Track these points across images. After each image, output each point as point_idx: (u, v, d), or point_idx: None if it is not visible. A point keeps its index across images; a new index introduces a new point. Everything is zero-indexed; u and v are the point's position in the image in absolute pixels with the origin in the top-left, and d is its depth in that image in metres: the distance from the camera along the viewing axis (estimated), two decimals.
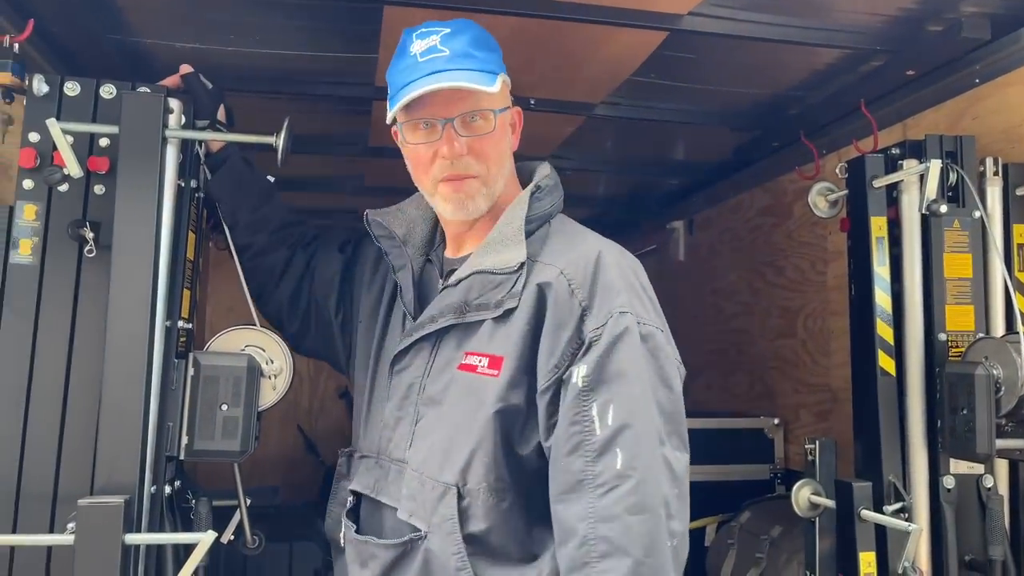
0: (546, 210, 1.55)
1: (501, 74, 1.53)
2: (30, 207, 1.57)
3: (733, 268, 3.66)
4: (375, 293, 1.72)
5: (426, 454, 1.48)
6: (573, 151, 3.33)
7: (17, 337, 1.54)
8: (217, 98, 1.74)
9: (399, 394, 1.56)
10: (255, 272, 1.81)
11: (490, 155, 1.51)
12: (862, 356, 1.98)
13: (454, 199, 1.52)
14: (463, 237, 1.62)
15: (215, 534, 1.48)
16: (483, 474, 1.42)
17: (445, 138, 1.48)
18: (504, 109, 1.55)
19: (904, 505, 1.86)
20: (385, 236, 1.67)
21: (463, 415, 1.45)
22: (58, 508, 1.50)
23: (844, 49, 2.27)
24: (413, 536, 1.45)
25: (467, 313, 1.48)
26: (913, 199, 1.93)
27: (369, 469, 1.59)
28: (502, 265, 1.46)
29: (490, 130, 1.50)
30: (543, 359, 1.41)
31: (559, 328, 1.40)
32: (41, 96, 1.59)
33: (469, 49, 1.49)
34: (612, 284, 1.42)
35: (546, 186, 1.57)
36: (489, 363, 1.44)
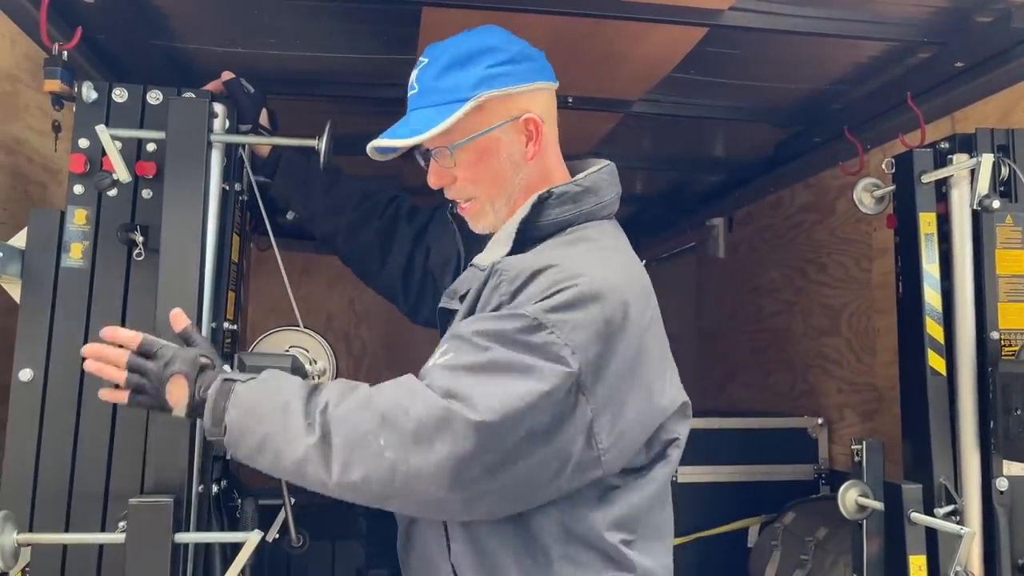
0: (557, 220, 1.48)
1: (480, 95, 1.45)
2: (80, 212, 1.60)
3: (774, 265, 3.61)
4: (449, 276, 1.76)
5: None
6: (611, 148, 3.30)
7: (69, 339, 1.57)
8: (259, 102, 1.76)
9: None
10: (353, 254, 1.84)
11: (477, 179, 1.50)
12: (911, 355, 1.94)
13: (468, 219, 1.57)
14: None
15: (262, 533, 1.49)
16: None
17: (429, 171, 1.55)
18: (481, 134, 1.47)
19: (955, 508, 1.81)
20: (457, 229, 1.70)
21: None
22: (109, 507, 1.53)
23: (890, 42, 2.23)
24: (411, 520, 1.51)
25: (452, 300, 1.51)
26: (963, 194, 1.88)
27: None
28: (481, 261, 1.47)
29: (451, 166, 1.50)
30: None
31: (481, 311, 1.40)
32: (90, 103, 1.62)
33: (435, 81, 1.47)
34: (534, 293, 1.33)
35: (564, 193, 1.48)
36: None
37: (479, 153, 1.49)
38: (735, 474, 2.98)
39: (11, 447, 1.54)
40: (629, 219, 4.78)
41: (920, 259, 1.88)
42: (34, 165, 1.93)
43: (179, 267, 1.54)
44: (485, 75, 1.47)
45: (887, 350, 2.72)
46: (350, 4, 2.02)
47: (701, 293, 4.49)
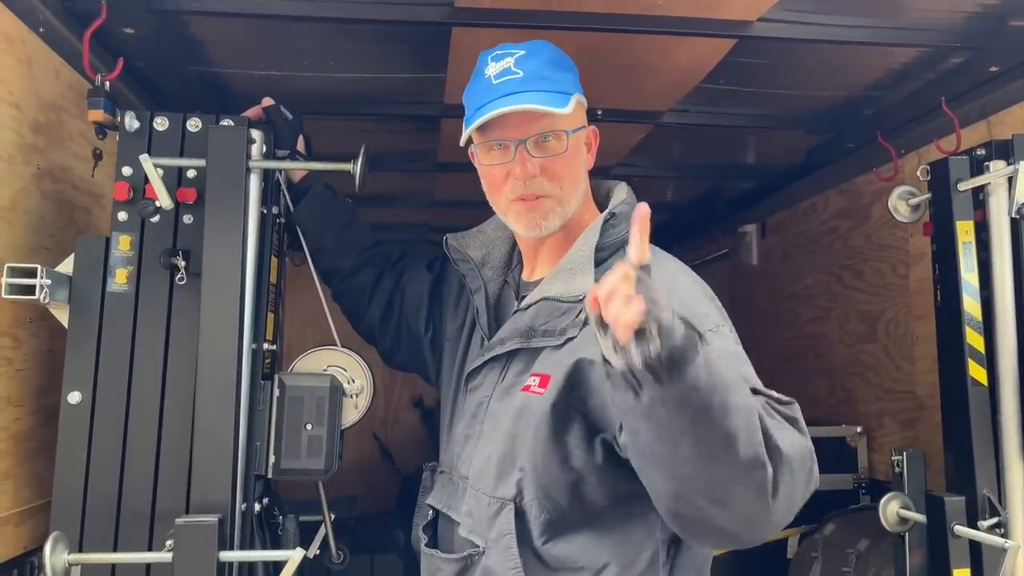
0: (621, 236, 1.53)
1: (576, 95, 1.53)
2: (125, 238, 1.64)
3: (809, 272, 3.58)
4: (461, 314, 1.75)
5: (481, 470, 1.51)
6: (641, 159, 3.31)
7: (115, 362, 1.61)
8: (296, 128, 1.80)
9: (470, 412, 1.59)
10: (345, 294, 1.87)
11: (563, 175, 1.51)
12: (951, 365, 1.91)
13: (526, 218, 1.53)
14: (537, 256, 1.64)
15: (303, 552, 1.52)
16: (535, 490, 1.43)
17: (518, 159, 1.49)
18: (578, 129, 1.54)
19: (999, 520, 1.79)
20: (462, 259, 1.70)
21: (515, 432, 1.47)
22: (156, 526, 1.57)
23: (922, 47, 2.21)
24: (472, 552, 1.47)
25: (532, 338, 1.49)
26: (1001, 202, 1.86)
27: (444, 485, 1.63)
28: (568, 293, 1.46)
29: (563, 150, 1.50)
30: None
31: None
32: (133, 131, 1.67)
33: (543, 70, 1.51)
34: (690, 297, 1.41)
35: (621, 212, 1.55)
36: (540, 382, 1.46)
37: (575, 148, 1.53)
38: None
39: (61, 468, 1.59)
40: (662, 227, 4.77)
41: (958, 268, 1.86)
42: (79, 191, 1.98)
43: (221, 290, 1.58)
44: (575, 80, 1.57)
45: (926, 357, 2.68)
46: (381, 26, 2.05)
47: (735, 300, 4.45)
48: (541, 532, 1.43)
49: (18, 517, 1.66)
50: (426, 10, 1.94)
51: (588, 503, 1.44)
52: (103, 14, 1.73)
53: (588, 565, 1.44)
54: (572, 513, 1.44)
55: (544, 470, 1.43)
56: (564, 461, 1.43)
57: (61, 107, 1.89)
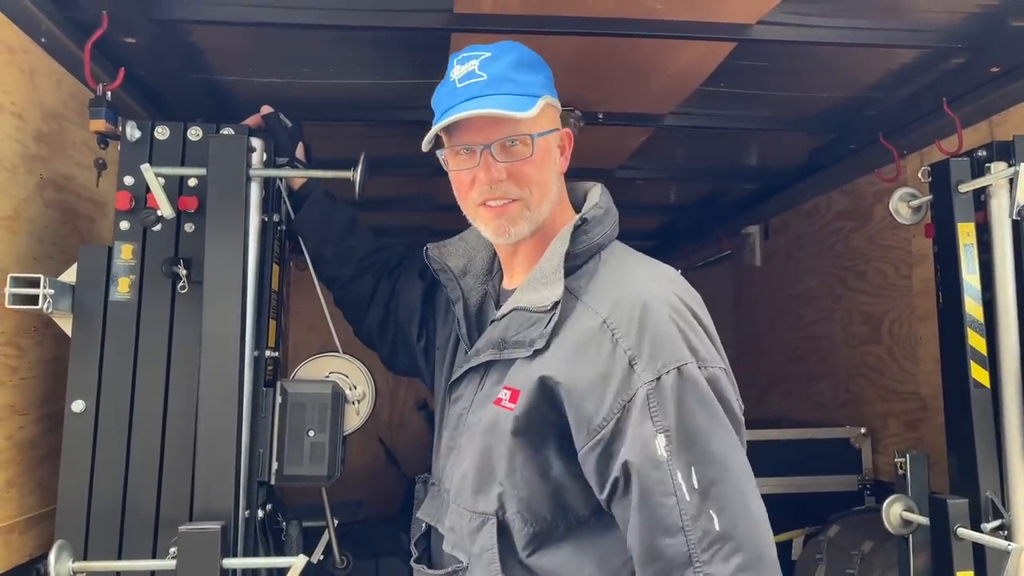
0: (595, 241, 1.50)
1: (545, 96, 1.49)
2: (127, 247, 1.65)
3: (812, 273, 3.57)
4: (451, 321, 1.73)
5: (459, 485, 1.48)
6: (643, 161, 3.31)
7: (119, 370, 1.62)
8: (296, 136, 1.80)
9: (452, 424, 1.57)
10: (346, 301, 1.86)
11: (531, 179, 1.47)
12: (953, 368, 1.91)
13: (495, 224, 1.50)
14: (513, 263, 1.61)
15: (306, 558, 1.53)
16: (517, 503, 1.41)
17: (483, 164, 1.45)
18: (548, 132, 1.50)
19: (1003, 523, 1.78)
20: (440, 270, 1.68)
21: (488, 447, 1.44)
22: (160, 533, 1.57)
23: (923, 48, 2.21)
24: (456, 567, 1.46)
25: (504, 350, 1.46)
26: (1003, 203, 1.86)
27: (433, 497, 1.62)
28: (537, 303, 1.43)
29: (528, 155, 1.46)
30: (590, 410, 1.35)
31: (604, 379, 1.34)
32: (134, 141, 1.68)
33: (508, 72, 1.46)
34: (664, 332, 1.35)
35: (594, 217, 1.51)
36: (510, 396, 1.43)
37: (543, 152, 1.49)
38: (778, 486, 2.95)
39: (65, 477, 1.60)
40: (664, 228, 4.77)
41: (960, 270, 1.86)
42: (82, 200, 1.99)
43: (222, 299, 1.59)
44: (545, 82, 1.53)
45: (930, 358, 2.67)
46: (381, 32, 2.06)
47: (738, 301, 4.46)
48: (525, 545, 1.41)
49: (23, 525, 1.67)
50: (426, 17, 1.95)
51: (571, 513, 1.42)
52: (104, 24, 1.74)
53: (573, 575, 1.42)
54: (556, 524, 1.42)
55: (524, 483, 1.40)
56: (544, 473, 1.41)
57: (63, 116, 1.90)
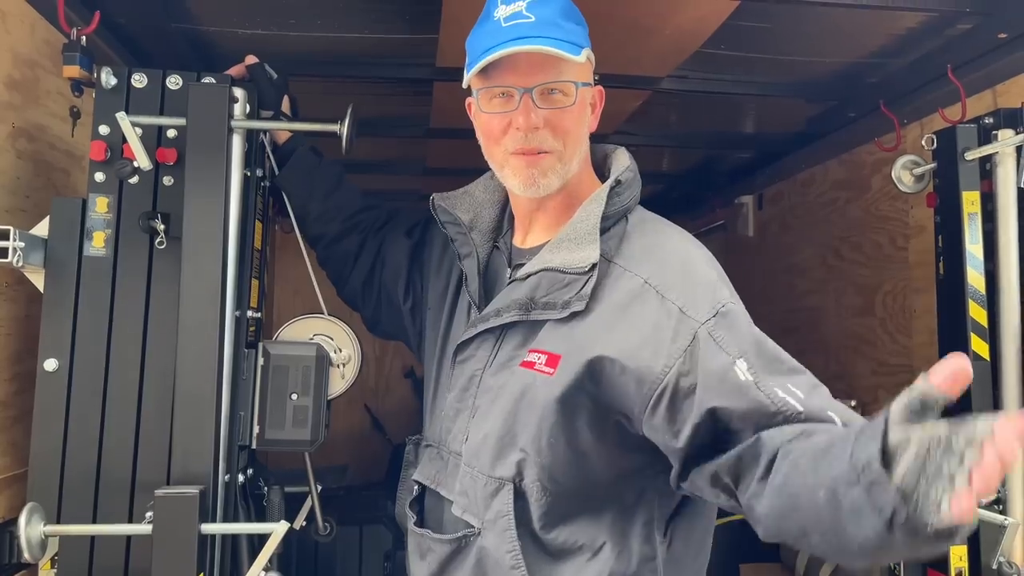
0: (625, 205, 1.47)
1: (587, 49, 1.45)
2: (102, 200, 1.58)
3: (806, 244, 3.53)
4: (443, 279, 1.67)
5: (477, 448, 1.44)
6: (638, 126, 3.25)
7: (93, 328, 1.56)
8: (282, 88, 1.73)
9: (460, 384, 1.52)
10: (330, 260, 1.81)
11: (568, 130, 1.42)
12: (952, 339, 1.88)
13: (525, 174, 1.44)
14: (532, 220, 1.55)
15: (288, 524, 1.48)
16: (538, 472, 1.38)
17: (522, 108, 1.39)
18: (587, 84, 1.46)
19: (998, 497, 1.76)
20: (451, 222, 1.61)
21: (517, 411, 1.40)
22: (137, 497, 1.53)
23: (929, 12, 2.14)
24: (467, 532, 1.43)
25: (532, 311, 1.41)
26: (1009, 172, 1.81)
27: (432, 459, 1.57)
28: (573, 264, 1.38)
29: (570, 104, 1.41)
30: (646, 362, 1.31)
31: (657, 330, 1.32)
32: (109, 89, 1.60)
33: (557, 18, 1.41)
34: (708, 278, 1.39)
35: (626, 180, 1.48)
36: (547, 360, 1.39)
37: (582, 104, 1.45)
38: None
39: (37, 438, 1.54)
40: (656, 197, 4.71)
41: (963, 239, 1.82)
42: (56, 152, 1.91)
43: (202, 255, 1.52)
44: (586, 34, 1.48)
45: (924, 331, 2.65)
46: None
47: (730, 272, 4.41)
48: (542, 515, 1.39)
49: None
50: None
51: (590, 482, 1.40)
52: None
53: (587, 544, 1.40)
54: (574, 493, 1.40)
55: (549, 452, 1.38)
56: (571, 443, 1.38)
57: (37, 63, 1.82)
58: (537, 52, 1.36)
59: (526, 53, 1.36)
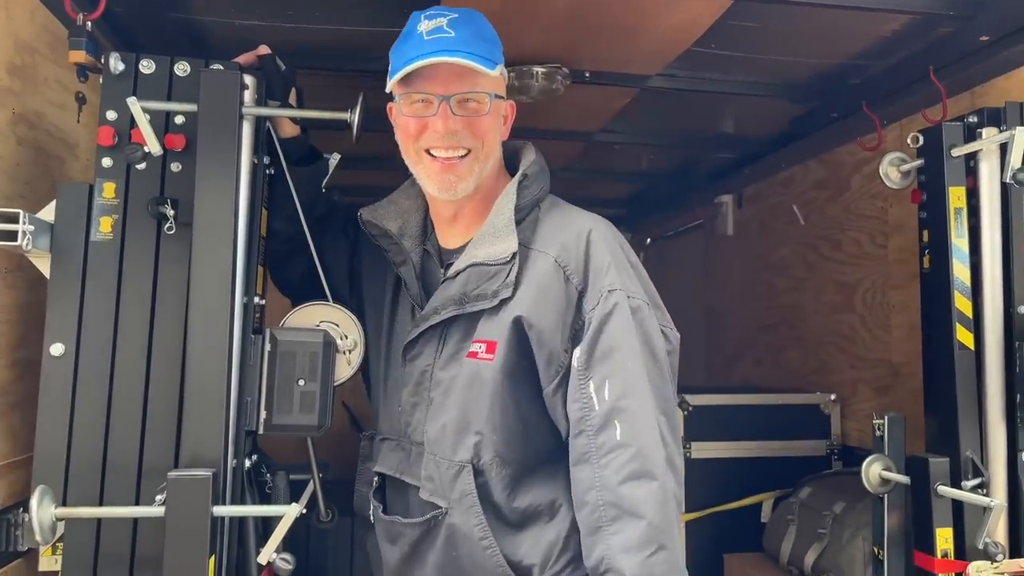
0: (535, 196, 1.61)
1: (500, 65, 1.58)
2: (109, 185, 1.58)
3: (785, 242, 3.61)
4: (378, 280, 1.77)
5: (438, 436, 1.57)
6: (624, 125, 3.30)
7: (100, 313, 1.55)
8: (289, 80, 1.74)
9: (413, 380, 1.63)
10: (280, 251, 1.82)
11: (484, 131, 1.55)
12: (938, 330, 1.94)
13: (439, 178, 1.56)
14: (453, 222, 1.66)
15: (299, 507, 1.50)
16: (493, 451, 1.53)
17: (441, 114, 1.52)
18: (499, 97, 1.59)
19: (982, 481, 1.83)
20: (381, 235, 1.71)
21: (469, 398, 1.54)
22: (143, 481, 1.52)
23: (913, 15, 2.21)
24: (435, 513, 1.55)
25: (466, 304, 1.54)
26: (993, 168, 1.88)
27: (392, 451, 1.68)
28: (495, 256, 1.52)
29: (485, 113, 1.54)
30: (557, 345, 1.50)
31: (563, 315, 1.50)
32: (117, 74, 1.60)
33: (474, 36, 1.53)
34: (602, 263, 1.51)
35: (532, 173, 1.62)
36: (486, 348, 1.53)
37: (494, 114, 1.58)
38: (748, 450, 3.01)
39: (43, 422, 1.53)
40: (637, 196, 4.77)
41: (949, 234, 1.88)
42: (53, 139, 1.90)
43: (212, 242, 1.53)
44: (500, 53, 1.60)
45: (903, 326, 2.72)
46: None
47: (709, 270, 4.49)
48: (504, 487, 1.53)
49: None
50: None
51: (540, 447, 1.56)
52: None
53: (546, 507, 1.53)
54: (528, 461, 1.54)
55: (502, 427, 1.52)
56: (518, 413, 1.54)
57: (36, 50, 1.81)
58: (456, 64, 1.48)
59: (446, 64, 1.49)
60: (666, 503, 1.40)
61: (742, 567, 2.81)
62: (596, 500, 1.42)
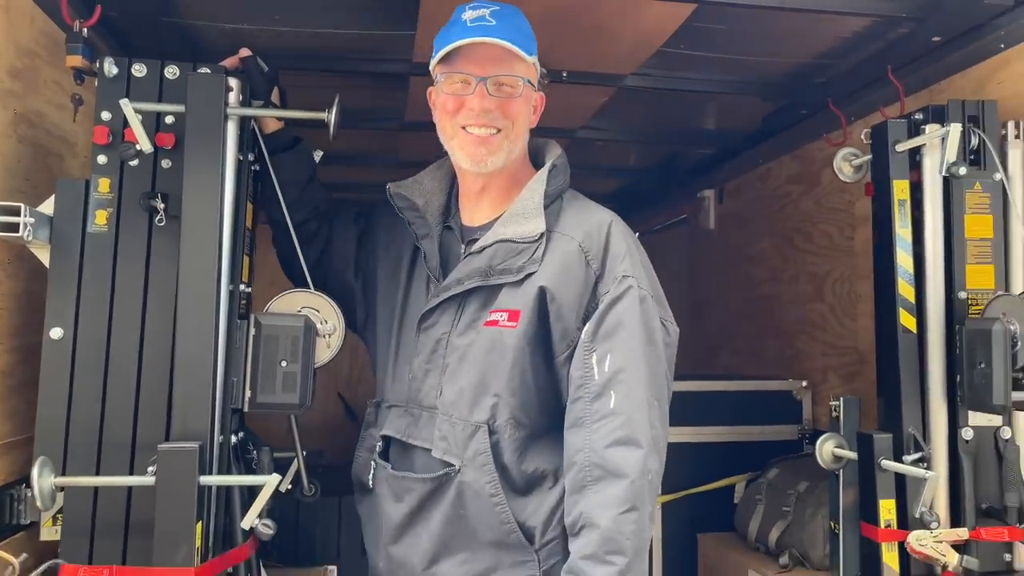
0: (560, 185, 1.75)
1: (535, 56, 1.70)
2: (104, 180, 1.70)
3: (763, 235, 3.72)
4: (392, 258, 1.89)
5: (455, 399, 1.68)
6: (605, 122, 3.40)
7: (96, 299, 1.67)
8: (272, 80, 1.86)
9: (428, 349, 1.74)
10: (288, 243, 1.92)
11: (516, 113, 1.67)
12: (885, 315, 2.06)
13: (472, 151, 1.68)
14: (480, 199, 1.78)
15: (280, 477, 1.62)
16: (508, 413, 1.64)
17: (477, 93, 1.64)
18: (532, 83, 1.71)
19: (923, 455, 1.94)
20: (408, 207, 1.82)
21: (488, 363, 1.65)
22: (136, 455, 1.64)
23: (871, 17, 2.32)
24: (447, 471, 1.66)
25: (491, 277, 1.66)
26: (935, 163, 1.99)
27: (399, 416, 1.78)
28: (524, 235, 1.65)
29: (518, 95, 1.66)
30: (572, 321, 1.63)
31: (582, 295, 1.64)
32: (111, 77, 1.72)
33: (513, 27, 1.66)
34: (618, 252, 1.66)
35: (560, 165, 1.76)
36: (509, 316, 1.64)
37: (526, 98, 1.70)
38: (723, 434, 3.12)
39: (44, 400, 1.65)
40: (623, 191, 4.87)
41: (894, 224, 2.00)
42: (52, 138, 2.02)
43: (200, 233, 1.65)
44: (535, 48, 1.73)
45: (867, 314, 2.83)
46: None
47: (694, 263, 4.60)
48: (515, 449, 1.65)
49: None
50: None
51: (549, 414, 1.67)
52: None
53: (549, 472, 1.64)
54: (538, 426, 1.66)
55: (520, 390, 1.64)
56: (534, 379, 1.66)
57: (36, 54, 1.92)
58: (494, 44, 1.60)
59: (485, 45, 1.61)
60: (646, 472, 1.53)
61: (715, 546, 2.92)
62: (583, 461, 1.55)
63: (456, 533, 1.66)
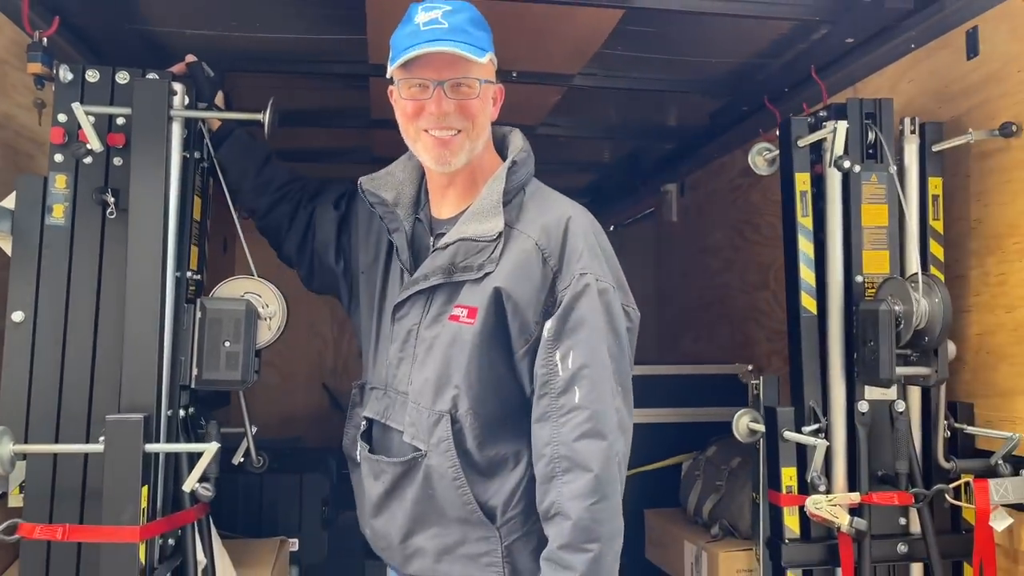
0: (521, 180, 1.78)
1: (490, 52, 1.73)
2: (61, 177, 1.86)
3: (718, 227, 3.87)
4: (372, 248, 1.96)
5: (421, 388, 1.75)
6: (563, 118, 3.55)
7: (54, 285, 1.83)
8: (217, 84, 2.01)
9: (400, 338, 1.82)
10: (267, 230, 2.08)
11: (474, 113, 1.72)
12: (792, 298, 2.21)
13: (435, 152, 1.73)
14: (446, 193, 1.84)
15: (219, 444, 1.78)
16: (468, 403, 1.70)
17: (435, 98, 1.69)
18: (489, 81, 1.75)
19: (820, 427, 2.09)
20: (378, 203, 1.89)
21: (450, 356, 1.72)
22: (92, 427, 1.81)
23: (789, 20, 2.47)
24: (415, 455, 1.74)
25: (454, 274, 1.73)
26: (833, 156, 2.14)
27: (379, 399, 1.87)
28: (483, 234, 1.69)
29: (475, 96, 1.70)
30: (530, 317, 1.67)
31: (538, 292, 1.67)
32: (67, 83, 1.87)
33: (466, 26, 1.69)
34: (576, 249, 1.68)
35: (520, 160, 1.79)
36: (468, 313, 1.71)
37: (484, 97, 1.74)
38: (674, 415, 3.27)
39: (6, 377, 1.81)
40: (592, 186, 5.03)
41: (796, 213, 2.15)
42: (22, 138, 2.18)
43: (145, 224, 1.81)
44: (490, 41, 1.75)
45: None
46: None
47: (659, 255, 4.76)
48: (475, 437, 1.70)
49: None
50: None
51: (508, 403, 1.72)
52: None
53: (510, 456, 1.73)
54: (496, 414, 1.73)
55: (477, 382, 1.70)
56: (492, 372, 1.71)
57: (5, 60, 2.08)
58: (448, 53, 1.66)
59: (439, 53, 1.66)
60: (611, 460, 1.61)
61: (659, 520, 3.08)
62: (552, 453, 1.61)
63: (427, 510, 1.75)
